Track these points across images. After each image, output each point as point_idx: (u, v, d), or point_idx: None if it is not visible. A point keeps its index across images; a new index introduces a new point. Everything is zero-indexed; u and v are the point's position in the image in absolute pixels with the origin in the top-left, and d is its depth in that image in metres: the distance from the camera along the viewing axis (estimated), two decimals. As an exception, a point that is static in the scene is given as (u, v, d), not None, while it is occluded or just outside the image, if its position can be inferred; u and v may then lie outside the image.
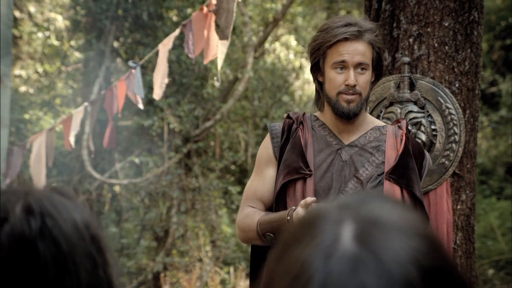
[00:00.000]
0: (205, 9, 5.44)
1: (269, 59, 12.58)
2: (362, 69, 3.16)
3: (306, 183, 3.16)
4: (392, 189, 3.14)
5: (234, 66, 11.07)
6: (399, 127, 3.32)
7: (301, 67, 12.87)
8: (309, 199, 2.97)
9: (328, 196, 3.17)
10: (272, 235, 3.15)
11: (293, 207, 3.08)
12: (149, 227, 10.60)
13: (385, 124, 3.37)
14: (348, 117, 3.19)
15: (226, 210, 11.17)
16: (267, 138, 3.33)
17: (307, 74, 13.52)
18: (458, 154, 4.03)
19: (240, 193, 11.35)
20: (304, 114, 3.35)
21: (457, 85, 4.10)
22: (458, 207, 4.12)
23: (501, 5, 14.03)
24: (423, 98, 4.04)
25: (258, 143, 11.77)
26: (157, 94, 5.77)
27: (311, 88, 13.70)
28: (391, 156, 3.20)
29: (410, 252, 0.90)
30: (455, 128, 4.03)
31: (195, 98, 10.63)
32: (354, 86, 3.14)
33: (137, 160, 10.74)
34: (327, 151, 3.23)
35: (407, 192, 3.15)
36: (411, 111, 4.04)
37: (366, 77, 3.17)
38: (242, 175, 11.94)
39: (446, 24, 4.10)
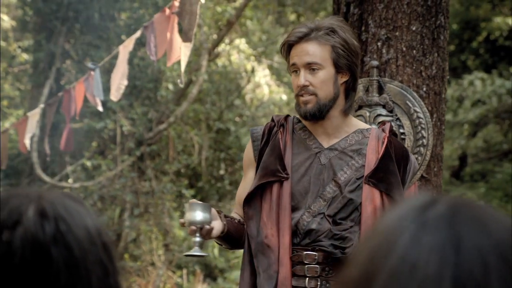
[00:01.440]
0: (167, 11, 5.39)
1: (221, 62, 12.56)
2: (313, 69, 3.13)
3: (282, 186, 3.14)
4: (371, 193, 3.12)
5: (188, 69, 11.02)
6: (383, 130, 3.29)
7: (253, 71, 12.86)
8: (192, 200, 3.10)
9: (305, 200, 3.15)
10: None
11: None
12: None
13: (370, 127, 3.35)
14: (306, 118, 3.18)
15: (179, 214, 11.09)
16: (249, 142, 3.32)
17: (258, 78, 13.53)
18: (426, 158, 4.05)
19: (194, 196, 11.30)
20: (287, 116, 3.33)
21: (424, 89, 4.12)
22: (426, 210, 4.14)
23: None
24: (392, 101, 4.05)
25: (211, 146, 11.74)
26: (115, 95, 5.71)
27: (262, 92, 13.72)
28: (371, 160, 3.17)
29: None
30: (423, 131, 4.05)
31: (148, 100, 10.55)
32: (305, 86, 3.13)
33: (88, 163, 10.60)
34: (305, 154, 3.21)
35: (387, 196, 3.14)
36: (379, 115, 4.05)
37: (319, 76, 3.12)
38: (195, 178, 11.88)
39: (414, 28, 4.12)
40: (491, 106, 14.98)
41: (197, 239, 3.04)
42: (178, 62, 5.29)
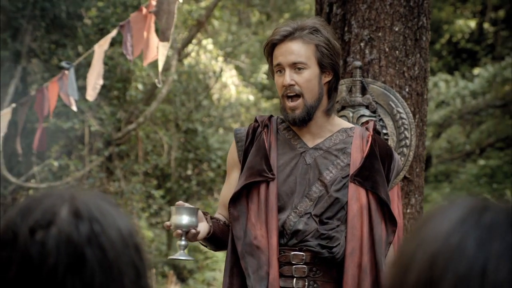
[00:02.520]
0: (144, 10, 5.35)
1: (188, 62, 12.50)
2: (299, 68, 3.12)
3: (269, 186, 3.12)
4: (357, 191, 3.12)
5: (157, 69, 10.96)
6: (367, 129, 3.30)
7: (221, 71, 12.83)
8: (179, 202, 3.06)
9: (292, 200, 3.14)
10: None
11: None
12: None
13: (353, 126, 3.36)
14: (295, 124, 3.17)
15: (147, 215, 11.02)
16: (233, 142, 3.29)
17: (225, 78, 13.51)
18: (409, 159, 4.06)
19: (163, 197, 11.24)
20: (270, 117, 3.31)
21: (407, 89, 4.13)
22: (408, 211, 4.15)
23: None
24: (375, 102, 4.05)
25: (180, 147, 11.68)
26: (90, 95, 5.66)
27: (229, 92, 13.70)
28: (356, 158, 3.17)
29: None
30: (406, 132, 4.06)
31: (117, 100, 10.46)
32: (291, 85, 3.12)
33: (56, 163, 10.48)
34: (290, 154, 3.19)
35: (372, 194, 3.14)
36: (363, 115, 4.04)
37: (305, 76, 3.12)
38: (163, 178, 11.81)
39: (397, 29, 4.13)
40: (454, 107, 15.14)
41: (183, 242, 3.02)
42: (150, 62, 5.26)
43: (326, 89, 3.20)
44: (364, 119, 4.04)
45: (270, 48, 3.19)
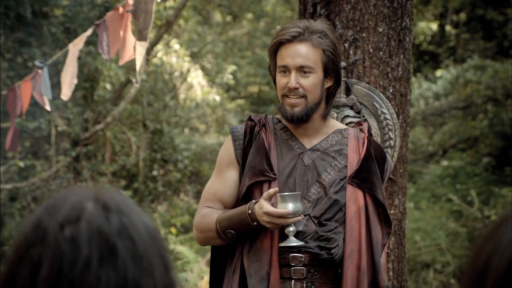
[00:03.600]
0: (120, 9, 5.29)
1: (154, 62, 12.43)
2: (306, 72, 3.11)
3: (271, 186, 3.10)
4: (354, 193, 3.13)
5: (125, 69, 10.86)
6: (361, 130, 3.31)
7: (188, 71, 12.77)
8: (272, 190, 2.95)
9: None
10: (232, 231, 3.08)
11: (253, 201, 3.03)
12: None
13: (347, 127, 3.36)
14: (292, 121, 3.16)
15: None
16: (229, 140, 3.26)
17: (191, 78, 13.45)
18: (393, 159, 4.07)
19: (132, 197, 11.12)
20: (266, 116, 3.29)
21: (391, 90, 4.14)
22: (392, 211, 4.15)
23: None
24: (359, 103, 4.05)
25: (148, 147, 11.59)
26: (65, 94, 5.59)
27: (195, 92, 13.64)
28: (353, 160, 3.18)
29: None
30: (390, 133, 4.07)
31: (84, 100, 10.34)
32: (296, 88, 3.11)
33: (21, 164, 10.32)
34: (289, 155, 3.19)
35: (370, 196, 3.14)
36: (347, 116, 4.04)
37: (310, 80, 3.12)
38: (131, 179, 11.71)
39: (380, 30, 4.13)
40: (418, 108, 15.27)
41: (292, 228, 3.01)
42: (116, 61, 5.22)
43: (325, 94, 3.21)
44: (348, 120, 4.04)
45: (276, 46, 3.17)
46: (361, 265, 3.06)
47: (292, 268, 3.09)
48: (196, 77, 13.57)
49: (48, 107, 5.64)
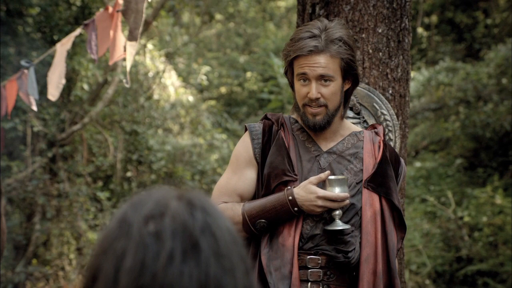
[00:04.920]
0: (110, 9, 5.23)
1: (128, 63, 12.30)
2: (326, 80, 3.10)
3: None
4: (370, 197, 3.12)
5: (103, 69, 10.75)
6: (376, 133, 3.29)
7: (164, 71, 12.69)
8: (323, 174, 2.98)
9: None
10: (264, 221, 3.06)
11: (288, 187, 3.02)
12: (9, 236, 10.06)
13: (362, 129, 3.35)
14: (315, 130, 3.16)
15: (92, 217, 10.79)
16: (247, 138, 3.22)
17: (164, 79, 13.36)
18: (394, 160, 4.06)
19: (109, 199, 11.02)
20: (282, 115, 3.27)
21: (390, 91, 4.13)
22: (391, 212, 4.15)
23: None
24: (359, 104, 4.04)
25: (125, 148, 11.48)
26: (53, 94, 5.51)
27: (167, 93, 13.55)
28: (369, 164, 3.17)
29: None
30: (390, 134, 4.06)
31: (60, 100, 10.21)
32: (317, 99, 3.10)
33: (-4, 165, 10.18)
34: (306, 157, 3.18)
35: (386, 200, 3.13)
36: (347, 117, 4.03)
37: (331, 88, 3.11)
38: (107, 180, 11.60)
39: (380, 31, 4.12)
40: (390, 110, 15.34)
41: (338, 212, 3.03)
42: (94, 61, 5.16)
43: (344, 96, 3.20)
44: (348, 121, 4.03)
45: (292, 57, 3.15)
46: (377, 270, 3.05)
47: (309, 270, 3.08)
48: (170, 78, 13.49)
49: (34, 107, 5.56)
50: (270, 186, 3.11)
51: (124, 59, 5.59)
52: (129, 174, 11.87)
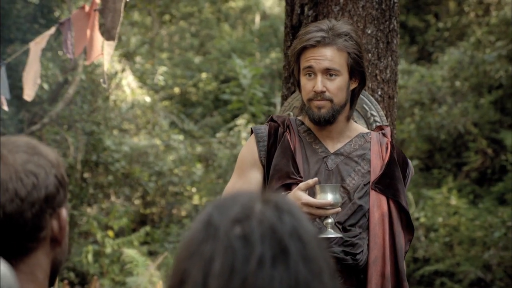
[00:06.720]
0: (86, 8, 5.13)
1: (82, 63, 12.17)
2: (331, 75, 3.07)
3: None
4: (378, 199, 3.09)
5: (62, 69, 10.57)
6: (384, 135, 3.27)
7: (123, 71, 12.55)
8: (311, 181, 2.90)
9: None
10: None
11: (283, 193, 2.96)
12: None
13: (369, 131, 3.32)
14: (319, 123, 3.12)
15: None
16: (252, 141, 3.18)
17: (119, 79, 13.23)
18: (383, 162, 4.05)
19: (70, 200, 10.84)
20: (289, 117, 3.23)
21: (379, 92, 4.12)
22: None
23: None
24: (349, 105, 4.02)
25: (84, 149, 11.33)
26: (28, 95, 5.38)
27: (124, 93, 13.43)
28: (376, 165, 3.15)
29: None
30: (380, 135, 4.05)
31: (18, 100, 10.01)
32: (323, 92, 3.07)
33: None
34: (313, 159, 3.13)
35: (394, 202, 3.11)
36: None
37: (336, 83, 3.08)
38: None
39: (369, 32, 4.11)
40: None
41: (330, 220, 2.94)
42: (54, 61, 5.06)
43: (350, 96, 3.17)
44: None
45: (300, 50, 3.12)
46: (385, 272, 3.03)
47: None
48: (126, 78, 13.36)
49: (6, 107, 5.42)
50: (273, 188, 3.07)
51: (85, 59, 5.49)
52: (85, 175, 11.71)
